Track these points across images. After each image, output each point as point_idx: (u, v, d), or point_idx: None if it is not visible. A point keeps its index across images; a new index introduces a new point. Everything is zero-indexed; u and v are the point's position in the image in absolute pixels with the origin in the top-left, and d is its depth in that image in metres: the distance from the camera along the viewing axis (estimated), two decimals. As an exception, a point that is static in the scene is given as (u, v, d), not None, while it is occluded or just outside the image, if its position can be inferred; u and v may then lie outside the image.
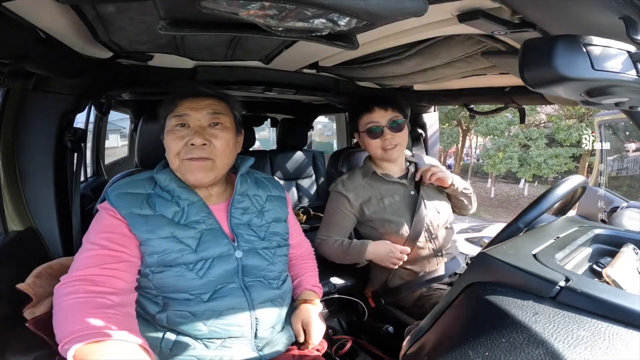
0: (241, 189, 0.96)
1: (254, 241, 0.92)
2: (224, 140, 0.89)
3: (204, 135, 0.87)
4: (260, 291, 0.90)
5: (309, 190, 2.96)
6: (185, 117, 0.88)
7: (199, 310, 0.83)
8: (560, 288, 0.52)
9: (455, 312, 0.61)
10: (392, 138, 1.31)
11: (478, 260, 0.64)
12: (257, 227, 0.95)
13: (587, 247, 0.78)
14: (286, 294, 0.97)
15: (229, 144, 0.91)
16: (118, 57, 1.12)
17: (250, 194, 0.97)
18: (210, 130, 0.89)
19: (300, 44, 1.05)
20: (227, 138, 0.90)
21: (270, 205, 1.00)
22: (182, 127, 0.89)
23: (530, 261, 0.60)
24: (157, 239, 0.83)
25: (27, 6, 0.68)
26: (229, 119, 0.93)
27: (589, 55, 0.58)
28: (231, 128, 0.93)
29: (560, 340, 0.44)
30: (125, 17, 0.80)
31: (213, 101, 0.92)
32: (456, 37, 0.96)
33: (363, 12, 0.50)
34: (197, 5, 0.50)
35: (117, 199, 0.86)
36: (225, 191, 0.98)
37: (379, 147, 1.32)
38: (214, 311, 0.84)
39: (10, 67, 0.88)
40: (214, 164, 0.89)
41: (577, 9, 0.62)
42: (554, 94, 0.73)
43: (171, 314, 0.83)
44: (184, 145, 0.87)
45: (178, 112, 0.89)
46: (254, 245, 0.92)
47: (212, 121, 0.90)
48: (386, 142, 1.31)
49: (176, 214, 0.87)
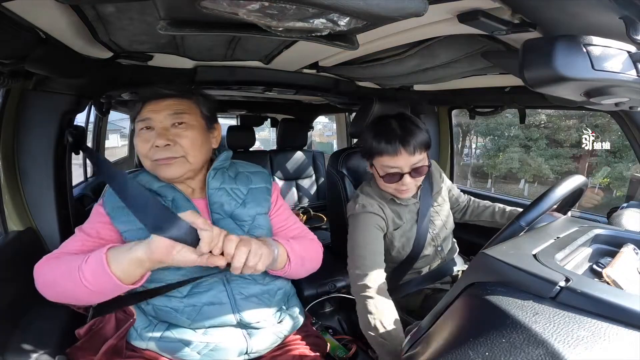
0: (214, 184, 0.95)
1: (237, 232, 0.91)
2: (188, 139, 0.90)
3: (167, 136, 0.88)
4: (243, 286, 0.90)
5: (309, 190, 2.96)
6: (148, 120, 0.90)
7: (180, 306, 0.86)
8: (560, 288, 0.52)
9: (455, 312, 0.61)
10: (410, 183, 1.15)
11: (478, 260, 0.64)
12: (240, 221, 0.94)
13: (587, 247, 0.78)
14: (275, 289, 0.96)
15: (196, 141, 0.91)
16: (118, 57, 1.12)
17: (227, 188, 0.96)
18: (174, 130, 0.90)
19: (300, 44, 1.05)
20: (192, 136, 0.91)
21: (252, 198, 0.98)
22: (147, 130, 0.90)
23: (530, 261, 0.60)
24: (136, 229, 0.86)
25: (27, 6, 0.68)
26: (194, 116, 0.93)
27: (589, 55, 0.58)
28: (198, 125, 0.93)
29: (560, 340, 0.44)
30: (125, 17, 0.80)
31: (175, 101, 0.92)
32: (456, 37, 0.96)
33: (363, 12, 0.50)
34: (197, 5, 0.50)
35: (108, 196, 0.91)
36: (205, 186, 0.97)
37: (392, 188, 1.19)
38: (194, 306, 0.86)
39: (11, 67, 0.87)
40: (186, 160, 0.90)
41: (577, 9, 0.62)
42: (554, 94, 0.73)
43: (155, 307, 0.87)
44: (150, 147, 0.89)
45: (142, 117, 0.91)
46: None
47: (175, 121, 0.90)
48: (402, 187, 1.16)
49: None
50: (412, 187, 1.18)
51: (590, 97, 0.69)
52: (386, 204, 1.23)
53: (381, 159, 1.15)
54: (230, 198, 0.96)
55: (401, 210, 1.26)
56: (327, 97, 1.98)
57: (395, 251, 1.28)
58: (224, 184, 0.96)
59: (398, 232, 1.25)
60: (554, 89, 0.66)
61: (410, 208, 1.28)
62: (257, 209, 0.98)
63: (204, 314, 0.86)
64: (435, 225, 1.34)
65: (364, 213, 1.19)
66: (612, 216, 1.08)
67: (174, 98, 0.93)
